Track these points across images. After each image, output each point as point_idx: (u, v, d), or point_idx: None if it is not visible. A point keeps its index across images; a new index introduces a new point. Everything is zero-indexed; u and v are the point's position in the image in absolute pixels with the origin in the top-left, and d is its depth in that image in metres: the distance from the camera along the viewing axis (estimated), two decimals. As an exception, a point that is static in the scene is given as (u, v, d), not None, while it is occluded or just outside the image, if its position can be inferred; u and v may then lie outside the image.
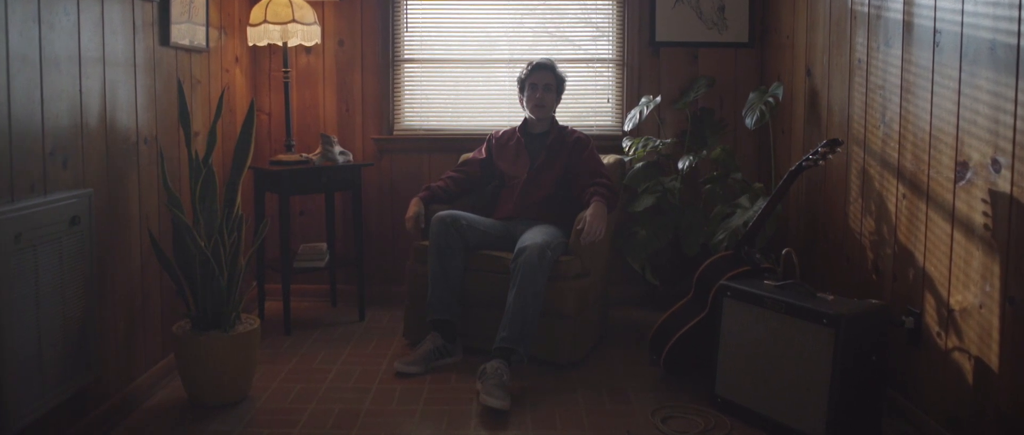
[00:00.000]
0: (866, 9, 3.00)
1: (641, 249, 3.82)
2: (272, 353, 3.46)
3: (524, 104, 3.68)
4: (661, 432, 2.69)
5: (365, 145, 4.27)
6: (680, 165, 3.83)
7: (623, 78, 4.25)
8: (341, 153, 3.93)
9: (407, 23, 4.25)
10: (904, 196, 2.72)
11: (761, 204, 3.37)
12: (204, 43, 3.48)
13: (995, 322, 2.24)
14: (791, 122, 3.77)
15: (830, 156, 2.92)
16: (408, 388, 3.09)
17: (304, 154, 3.94)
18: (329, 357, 3.44)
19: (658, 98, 3.98)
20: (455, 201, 3.71)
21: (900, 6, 2.74)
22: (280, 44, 3.83)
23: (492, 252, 3.43)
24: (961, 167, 2.38)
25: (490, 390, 2.89)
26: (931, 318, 2.56)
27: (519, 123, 3.77)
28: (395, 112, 4.31)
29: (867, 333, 2.55)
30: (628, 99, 4.21)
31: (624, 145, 4.02)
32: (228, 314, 2.88)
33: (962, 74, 2.36)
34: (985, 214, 2.28)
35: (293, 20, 3.74)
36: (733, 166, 3.79)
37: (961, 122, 2.37)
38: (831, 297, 2.65)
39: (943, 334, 2.49)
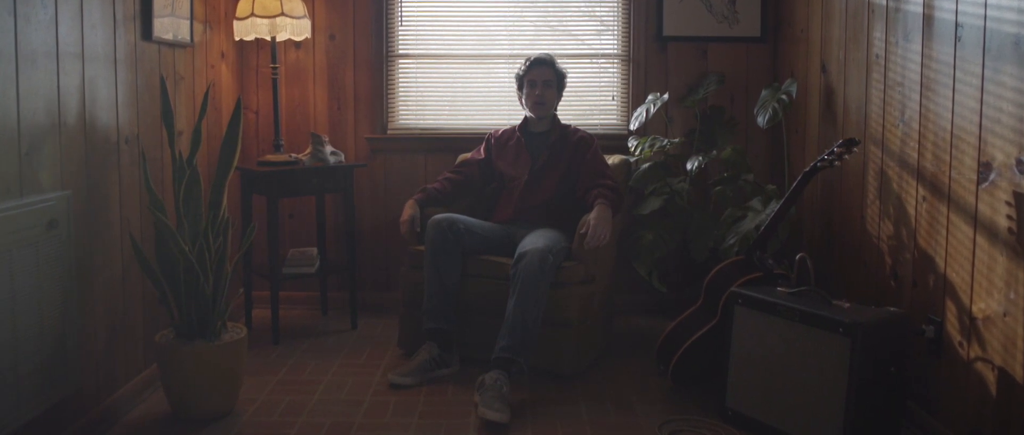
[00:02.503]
0: (884, 1, 3.00)
1: (648, 254, 3.82)
2: (260, 364, 3.46)
3: (523, 102, 3.68)
4: (669, 447, 2.70)
5: (357, 145, 4.27)
6: (689, 166, 3.84)
7: (629, 74, 4.25)
8: (332, 153, 3.94)
9: (402, 17, 4.26)
10: (924, 198, 2.72)
11: (774, 207, 3.37)
12: (188, 37, 3.48)
13: (1020, 331, 2.24)
14: (805, 121, 3.77)
15: (846, 156, 2.92)
16: (403, 400, 3.09)
17: (293, 154, 3.94)
18: (319, 368, 3.43)
19: (665, 95, 3.98)
20: (452, 204, 3.71)
21: (920, -1, 2.74)
22: (268, 39, 3.84)
23: (491, 257, 3.43)
24: (984, 168, 2.38)
25: (489, 402, 2.89)
26: (953, 327, 2.56)
27: (519, 122, 3.77)
28: (389, 110, 4.31)
29: (885, 342, 2.55)
30: (634, 96, 4.21)
31: (630, 145, 4.02)
32: (213, 322, 2.88)
33: (985, 70, 2.37)
34: (1009, 217, 2.28)
35: (282, 13, 3.74)
36: (744, 167, 3.79)
37: (984, 121, 2.37)
38: (847, 305, 2.65)
39: (965, 343, 2.49)
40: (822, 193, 3.60)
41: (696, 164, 3.80)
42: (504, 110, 4.25)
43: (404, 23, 4.27)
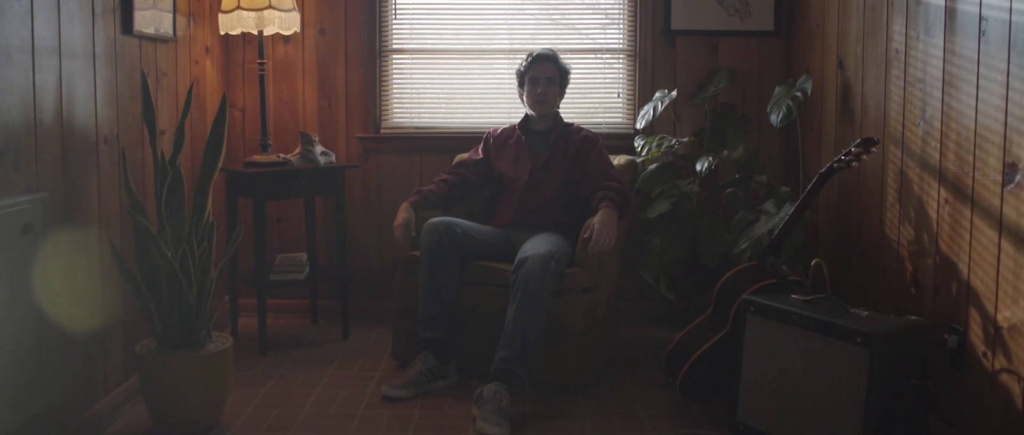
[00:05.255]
0: (904, -6, 3.01)
1: (655, 260, 3.82)
2: (246, 375, 3.46)
3: (524, 99, 3.68)
4: (677, 463, 2.70)
5: (349, 145, 4.28)
6: (698, 167, 3.84)
7: (635, 70, 4.25)
8: (322, 153, 3.94)
9: (396, 9, 4.26)
10: (946, 201, 2.72)
11: (788, 210, 3.37)
12: (171, 32, 3.48)
13: (1048, 341, 2.24)
14: (821, 119, 3.78)
15: (864, 157, 2.92)
16: (397, 414, 3.09)
17: (281, 155, 3.94)
18: (309, 380, 3.43)
19: (674, 93, 3.98)
20: (449, 206, 3.71)
21: (941, -9, 2.75)
22: (255, 33, 3.84)
23: (490, 263, 3.43)
24: (1009, 169, 2.38)
25: (488, 416, 2.89)
26: (976, 336, 2.56)
27: (519, 121, 3.77)
28: (382, 108, 4.31)
29: (905, 353, 2.54)
30: (641, 94, 4.22)
31: (636, 144, 4.02)
32: (197, 332, 2.88)
33: (1011, 66, 2.37)
34: (1036, 221, 2.28)
35: (270, 6, 3.74)
36: (757, 168, 3.79)
37: (1009, 119, 2.38)
38: (865, 313, 2.65)
39: (990, 354, 2.49)
40: (839, 195, 3.60)
41: (706, 165, 3.80)
42: (504, 108, 4.25)
43: (398, 16, 4.27)
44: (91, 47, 2.86)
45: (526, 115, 3.74)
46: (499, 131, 3.82)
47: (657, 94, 4.04)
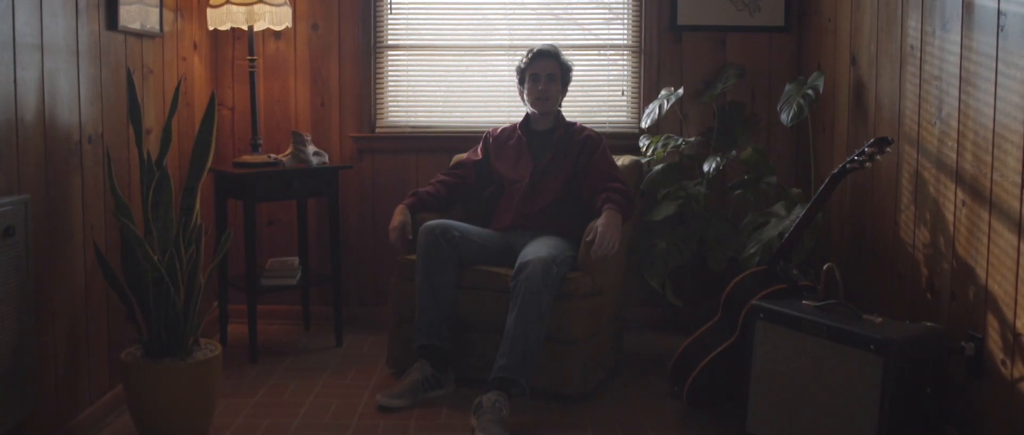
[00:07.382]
0: (919, -12, 3.01)
1: (661, 264, 3.82)
2: (235, 384, 3.46)
3: (524, 97, 3.69)
4: (684, 475, 2.70)
5: (343, 144, 4.28)
6: (705, 167, 3.84)
7: (640, 67, 4.26)
8: (315, 154, 3.94)
9: (391, 4, 4.27)
10: (963, 203, 2.72)
11: (799, 212, 3.38)
12: (157, 27, 3.49)
13: (1069, 348, 2.24)
14: (833, 118, 3.78)
15: (878, 157, 2.92)
16: (392, 424, 3.08)
17: (272, 155, 3.94)
18: (301, 388, 3.43)
19: (680, 90, 3.99)
20: (447, 209, 3.72)
21: (958, -15, 2.75)
22: (245, 28, 3.84)
23: (489, 267, 3.43)
24: (1029, 169, 2.38)
25: (487, 426, 2.89)
26: (995, 344, 2.55)
27: (520, 120, 3.77)
28: (377, 107, 4.31)
29: (921, 361, 2.54)
30: (646, 91, 4.22)
31: (641, 144, 4.02)
32: (185, 339, 2.88)
33: (1029, 63, 2.37)
34: (1057, 224, 2.28)
35: (260, 1, 3.74)
36: (767, 169, 3.79)
37: (1028, 118, 2.38)
38: (879, 319, 2.65)
39: (1008, 362, 2.49)
40: (852, 197, 3.60)
41: (714, 166, 3.80)
42: (503, 106, 4.25)
43: (393, 11, 4.27)
44: (74, 43, 2.86)
45: (527, 114, 3.74)
46: (499, 131, 3.82)
47: (663, 92, 4.04)
